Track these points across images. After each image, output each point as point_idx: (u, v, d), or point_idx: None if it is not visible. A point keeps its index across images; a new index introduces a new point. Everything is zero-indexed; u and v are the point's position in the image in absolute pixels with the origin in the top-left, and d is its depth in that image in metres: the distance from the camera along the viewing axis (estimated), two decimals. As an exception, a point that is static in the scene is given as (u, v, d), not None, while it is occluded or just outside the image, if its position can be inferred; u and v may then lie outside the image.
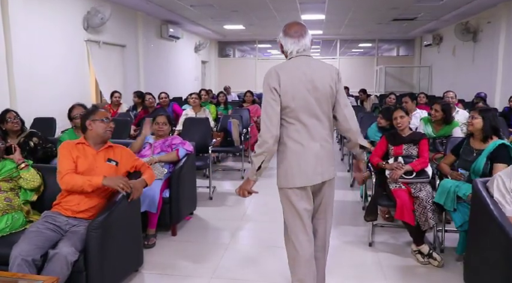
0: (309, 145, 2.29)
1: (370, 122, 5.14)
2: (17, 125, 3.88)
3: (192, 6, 8.83)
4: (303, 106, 2.25)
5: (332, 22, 11.19)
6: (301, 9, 9.28)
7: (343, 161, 6.94)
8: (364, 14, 9.90)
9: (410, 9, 9.23)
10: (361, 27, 12.28)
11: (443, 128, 4.33)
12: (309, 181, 2.32)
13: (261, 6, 8.92)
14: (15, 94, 5.30)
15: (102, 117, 2.81)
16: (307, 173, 2.30)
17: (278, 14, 9.85)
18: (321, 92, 2.28)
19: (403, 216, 3.24)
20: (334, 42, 15.23)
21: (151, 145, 3.94)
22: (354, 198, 4.95)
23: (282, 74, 2.25)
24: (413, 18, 10.48)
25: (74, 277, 2.43)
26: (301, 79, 2.25)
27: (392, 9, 9.24)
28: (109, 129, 2.83)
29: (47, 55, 6.10)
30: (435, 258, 3.18)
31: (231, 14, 9.93)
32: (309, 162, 2.29)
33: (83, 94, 6.99)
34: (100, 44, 7.48)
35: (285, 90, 2.23)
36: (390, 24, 11.51)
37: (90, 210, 2.69)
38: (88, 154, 2.79)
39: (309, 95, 2.25)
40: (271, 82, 2.24)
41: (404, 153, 3.58)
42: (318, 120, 2.30)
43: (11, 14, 5.21)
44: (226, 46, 16.66)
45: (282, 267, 3.23)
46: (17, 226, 2.76)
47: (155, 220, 3.57)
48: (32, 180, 2.88)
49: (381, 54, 16.11)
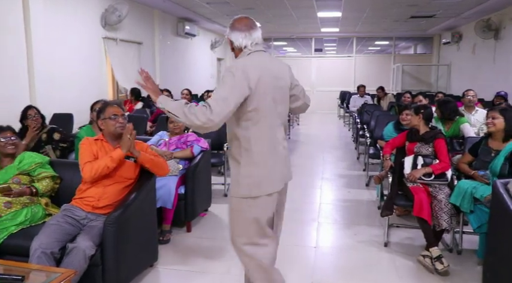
0: (275, 147, 2.17)
1: (386, 121, 5.09)
2: (38, 121, 3.98)
3: (208, 4, 8.85)
4: (271, 106, 2.11)
5: (348, 19, 11.09)
6: (317, 7, 9.22)
7: (358, 160, 6.89)
8: (381, 11, 9.79)
9: (428, 7, 9.08)
10: (378, 24, 12.15)
11: (452, 125, 4.29)
12: (277, 187, 2.19)
13: (277, 3, 8.89)
14: (34, 90, 5.39)
15: (111, 114, 2.81)
16: (276, 178, 2.18)
17: (294, 11, 9.81)
18: (283, 90, 2.20)
19: (421, 212, 3.17)
20: (350, 40, 15.10)
21: (167, 142, 3.96)
22: (369, 197, 4.91)
23: (253, 72, 2.04)
24: (431, 16, 10.32)
25: (91, 271, 2.47)
26: (269, 77, 2.10)
27: (410, 7, 9.12)
28: (119, 125, 2.80)
29: (66, 52, 6.18)
30: (442, 262, 3.02)
31: (246, 12, 9.91)
32: (276, 167, 2.17)
33: (100, 91, 7.07)
34: (117, 41, 7.54)
35: (256, 89, 2.04)
36: (408, 22, 11.36)
37: (110, 206, 2.73)
38: (107, 150, 2.82)
39: (275, 93, 2.13)
40: (239, 78, 2.01)
41: (416, 151, 3.52)
42: (282, 120, 2.21)
43: (32, 12, 5.30)
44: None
45: (294, 264, 3.23)
46: (36, 219, 2.81)
47: (170, 216, 3.60)
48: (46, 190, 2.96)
49: (398, 52, 15.91)
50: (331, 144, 8.78)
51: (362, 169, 6.16)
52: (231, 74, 2.02)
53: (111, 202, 2.73)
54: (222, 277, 3.01)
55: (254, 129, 2.10)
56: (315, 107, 14.95)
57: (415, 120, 3.57)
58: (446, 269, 2.99)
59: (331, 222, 4.20)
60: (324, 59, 15.51)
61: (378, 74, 14.43)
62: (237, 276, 3.00)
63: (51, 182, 3.00)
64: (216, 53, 13.87)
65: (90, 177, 2.68)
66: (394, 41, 14.93)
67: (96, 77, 7.06)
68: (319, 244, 3.64)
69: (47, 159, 3.11)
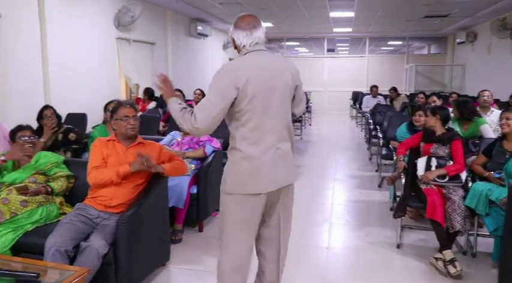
0: (265, 148, 2.10)
1: (399, 122, 5.06)
2: (53, 121, 4.03)
3: (221, 4, 8.87)
4: (262, 107, 2.07)
5: (361, 19, 11.02)
6: (330, 7, 9.18)
7: (371, 161, 6.84)
8: (394, 11, 9.71)
9: (443, 6, 8.98)
10: (391, 24, 12.05)
11: (470, 126, 4.23)
12: (263, 188, 2.12)
13: (289, 4, 8.87)
14: (49, 90, 5.47)
15: (122, 115, 2.83)
16: (263, 179, 2.11)
17: (307, 11, 9.78)
18: (280, 89, 2.13)
19: (434, 215, 3.12)
20: (363, 40, 15.00)
21: (179, 142, 3.98)
22: (381, 198, 4.88)
23: (241, 73, 2.03)
24: (446, 15, 10.20)
25: (104, 269, 2.49)
26: (261, 77, 2.07)
27: (424, 6, 9.02)
28: (130, 127, 2.82)
29: (80, 52, 6.25)
30: (455, 266, 2.97)
31: (259, 12, 9.91)
32: (263, 168, 2.10)
33: (114, 90, 7.13)
34: (130, 41, 7.61)
35: (244, 90, 2.02)
36: (421, 22, 11.24)
37: (122, 205, 2.75)
38: (118, 151, 2.85)
39: (268, 94, 2.08)
40: (228, 81, 2.02)
41: (432, 152, 3.48)
42: (277, 121, 2.14)
43: (47, 13, 5.37)
44: (254, 44, 16.64)
45: (306, 265, 3.22)
46: (51, 217, 2.86)
47: (182, 215, 3.61)
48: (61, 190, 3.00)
49: (411, 52, 15.75)
50: (343, 145, 8.74)
51: (374, 170, 6.11)
52: (216, 79, 2.07)
53: (124, 201, 2.75)
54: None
55: (242, 129, 2.10)
56: (327, 107, 14.96)
57: (432, 121, 3.53)
58: (459, 273, 2.95)
59: (343, 223, 4.18)
60: (336, 59, 15.44)
61: (390, 74, 14.31)
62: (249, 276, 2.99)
63: (66, 181, 3.04)
64: (228, 53, 13.91)
65: (94, 184, 2.76)
66: (407, 41, 14.79)
67: (109, 77, 7.13)
68: (331, 245, 3.63)
69: (62, 159, 3.15)
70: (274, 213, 2.27)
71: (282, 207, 2.27)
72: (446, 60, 14.23)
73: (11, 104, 4.89)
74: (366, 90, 12.37)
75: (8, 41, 4.86)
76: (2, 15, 4.73)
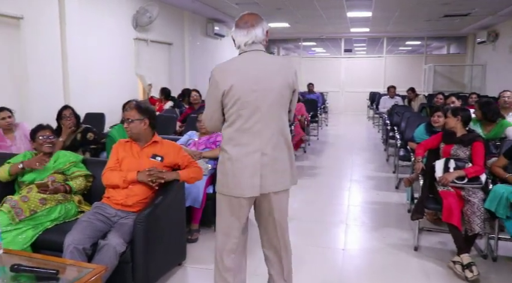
0: (248, 152, 2.09)
1: (417, 123, 4.99)
2: (72, 121, 4.09)
3: (237, 5, 8.89)
4: (248, 110, 2.06)
5: (379, 19, 10.92)
6: (347, 6, 9.12)
7: (388, 162, 6.77)
8: (413, 10, 9.59)
9: (463, 5, 8.83)
10: (409, 24, 11.91)
11: (493, 128, 4.13)
12: (242, 192, 2.12)
13: (306, 3, 8.84)
14: (69, 90, 5.56)
15: (125, 118, 2.91)
16: (242, 183, 2.10)
17: (324, 11, 9.73)
18: (269, 94, 2.07)
19: (451, 218, 3.07)
20: (380, 40, 14.85)
21: (196, 142, 4.00)
22: (398, 200, 4.82)
23: (225, 74, 2.08)
24: (466, 14, 10.03)
25: (121, 268, 2.52)
26: (246, 80, 2.06)
27: (443, 5, 8.89)
28: (128, 130, 2.86)
29: (99, 53, 6.34)
30: (472, 271, 2.90)
31: (275, 12, 9.91)
32: (243, 171, 2.09)
33: (131, 91, 7.22)
34: (148, 42, 7.69)
35: (229, 93, 2.05)
36: (441, 21, 11.08)
37: (138, 204, 2.78)
38: (134, 151, 2.89)
39: (254, 98, 2.05)
40: (212, 85, 2.12)
41: (452, 153, 3.41)
42: (264, 126, 2.09)
43: (67, 14, 5.46)
44: (271, 44, 16.63)
45: (322, 266, 3.20)
46: (69, 215, 2.90)
47: (199, 215, 3.63)
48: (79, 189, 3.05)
49: (430, 52, 15.54)
50: (360, 146, 8.67)
51: (391, 172, 6.05)
52: (209, 82, 2.16)
53: (140, 199, 2.78)
54: (248, 278, 3.01)
55: (229, 129, 2.13)
56: (343, 108, 14.86)
57: (453, 122, 3.46)
58: (477, 278, 2.88)
59: (359, 224, 4.15)
60: (353, 59, 15.32)
61: (408, 75, 14.14)
62: (264, 276, 2.99)
63: (84, 181, 3.08)
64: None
65: (106, 185, 2.84)
66: (425, 40, 14.59)
67: (127, 77, 7.22)
68: (347, 247, 3.60)
69: (80, 158, 3.20)
70: (269, 216, 2.26)
71: (277, 211, 2.24)
72: (466, 60, 13.99)
73: (31, 104, 4.99)
74: (383, 90, 12.25)
75: (29, 43, 4.96)
76: (23, 17, 4.83)
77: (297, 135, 6.80)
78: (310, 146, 8.30)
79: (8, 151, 3.95)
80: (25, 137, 4.10)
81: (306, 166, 6.68)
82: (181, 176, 2.92)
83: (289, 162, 2.20)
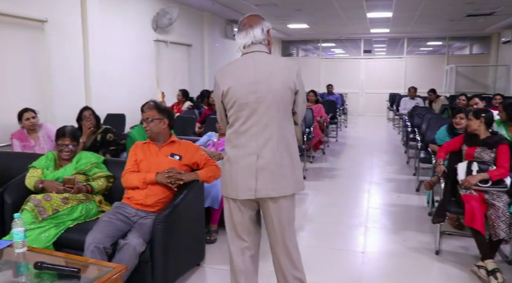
0: (244, 154, 2.06)
1: (438, 125, 4.90)
2: (91, 122, 4.15)
3: (257, 6, 8.90)
4: (244, 111, 2.04)
5: (400, 20, 10.78)
6: (367, 7, 9.04)
7: (408, 164, 6.67)
8: (434, 10, 9.43)
9: (487, 4, 8.64)
10: (431, 24, 11.71)
11: None
12: (237, 194, 2.10)
13: (325, 4, 8.79)
14: (90, 91, 5.66)
15: (143, 118, 2.94)
16: (237, 185, 2.09)
17: (343, 12, 9.66)
18: (268, 94, 2.03)
19: (474, 223, 2.99)
20: (401, 41, 14.67)
21: (215, 143, 4.02)
22: (419, 202, 4.74)
23: (223, 77, 2.09)
24: (490, 13, 9.81)
25: (141, 267, 2.55)
26: (244, 82, 2.04)
27: (466, 4, 8.71)
28: (148, 129, 2.88)
29: (120, 54, 6.44)
30: (497, 277, 2.82)
31: (295, 13, 9.88)
32: (239, 174, 2.08)
33: (150, 92, 7.29)
34: (167, 43, 7.76)
35: (226, 93, 2.07)
36: (463, 21, 10.87)
37: (158, 204, 2.80)
38: (152, 152, 2.92)
39: (252, 99, 2.03)
40: (216, 86, 2.14)
41: (476, 155, 3.33)
42: (261, 128, 2.05)
43: (89, 18, 5.56)
44: (290, 45, 16.62)
45: (341, 269, 3.17)
46: (91, 215, 2.95)
47: (217, 216, 3.64)
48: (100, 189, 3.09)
49: (452, 53, 15.27)
50: (380, 148, 8.57)
51: (412, 174, 5.96)
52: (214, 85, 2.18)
53: (159, 198, 2.80)
54: (267, 280, 3.01)
55: (229, 130, 2.16)
56: (363, 109, 14.72)
57: (475, 125, 3.38)
58: None
59: (379, 226, 4.10)
60: (373, 60, 15.17)
61: (429, 76, 13.91)
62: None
63: (106, 181, 3.13)
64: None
65: (125, 186, 2.88)
66: (447, 41, 14.34)
67: (148, 78, 7.30)
68: (367, 250, 3.56)
69: (102, 159, 3.25)
70: (269, 223, 2.22)
71: (275, 219, 2.18)
72: (489, 61, 13.69)
73: (54, 105, 5.10)
74: (404, 92, 12.09)
75: (53, 45, 5.07)
76: (47, 20, 4.93)
77: (316, 136, 6.77)
78: (329, 148, 8.24)
79: (31, 151, 4.04)
80: (48, 138, 4.19)
81: (325, 168, 6.63)
82: (200, 176, 2.93)
83: (290, 168, 2.11)
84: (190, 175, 2.89)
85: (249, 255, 2.29)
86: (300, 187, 2.20)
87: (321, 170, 6.42)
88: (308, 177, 5.89)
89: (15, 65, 4.68)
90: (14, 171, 3.26)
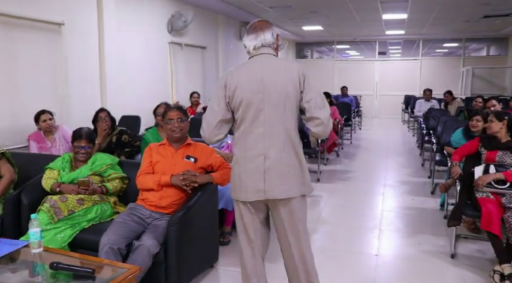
0: (252, 156, 2.07)
1: (454, 127, 4.84)
2: (107, 124, 4.19)
3: (271, 8, 8.91)
4: (250, 112, 2.06)
5: (415, 21, 10.67)
6: (382, 9, 8.97)
7: (423, 167, 6.59)
8: (450, 12, 9.32)
9: (505, 4, 8.49)
10: (446, 26, 11.57)
11: None
12: (247, 197, 2.11)
13: (340, 6, 8.76)
14: (105, 92, 5.73)
15: (168, 118, 2.92)
16: (246, 187, 2.10)
17: (358, 14, 9.61)
18: (272, 96, 2.05)
19: (490, 226, 2.94)
20: (416, 43, 14.52)
21: (229, 145, 4.03)
22: (434, 205, 4.68)
23: (231, 78, 2.11)
24: (508, 14, 9.65)
25: (155, 268, 2.57)
26: (250, 82, 2.06)
27: (483, 5, 8.59)
28: (174, 129, 2.88)
29: (135, 56, 6.50)
30: None
31: (309, 15, 9.87)
32: (247, 175, 2.09)
33: (165, 94, 7.35)
34: (182, 46, 7.82)
35: (232, 95, 2.08)
36: (480, 22, 10.71)
37: (172, 205, 2.82)
38: (168, 153, 2.93)
39: (257, 100, 2.05)
40: (219, 88, 2.13)
41: (498, 159, 3.27)
42: (268, 129, 2.06)
43: (105, 21, 5.64)
44: (304, 47, 16.59)
45: (355, 272, 3.15)
46: (105, 216, 2.98)
47: (231, 218, 3.64)
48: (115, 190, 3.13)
49: (468, 55, 15.06)
50: (395, 150, 8.49)
51: (427, 177, 5.89)
52: (215, 88, 2.18)
53: (173, 200, 2.82)
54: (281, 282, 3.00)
55: (236, 133, 2.17)
56: (378, 111, 14.61)
57: (497, 127, 3.32)
58: None
59: (393, 229, 4.06)
60: (388, 62, 15.05)
61: (445, 78, 13.74)
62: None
63: (120, 183, 3.16)
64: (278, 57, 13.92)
65: (139, 188, 2.89)
66: (463, 42, 14.15)
67: (162, 80, 7.36)
68: (381, 253, 3.52)
69: (117, 160, 3.28)
70: (279, 224, 2.21)
71: (286, 222, 2.17)
72: (507, 62, 13.46)
73: (70, 107, 5.16)
74: (419, 94, 11.96)
75: (69, 47, 5.14)
76: (64, 23, 5.01)
77: (330, 138, 6.73)
78: (343, 150, 8.20)
79: (48, 152, 4.10)
80: (64, 139, 4.24)
81: (339, 170, 6.60)
82: (214, 179, 2.93)
83: (298, 169, 2.11)
84: (205, 178, 2.90)
85: (260, 258, 2.30)
86: (309, 190, 2.19)
87: (335, 172, 6.39)
88: (322, 179, 5.87)
89: (32, 67, 4.76)
90: (30, 172, 3.32)
